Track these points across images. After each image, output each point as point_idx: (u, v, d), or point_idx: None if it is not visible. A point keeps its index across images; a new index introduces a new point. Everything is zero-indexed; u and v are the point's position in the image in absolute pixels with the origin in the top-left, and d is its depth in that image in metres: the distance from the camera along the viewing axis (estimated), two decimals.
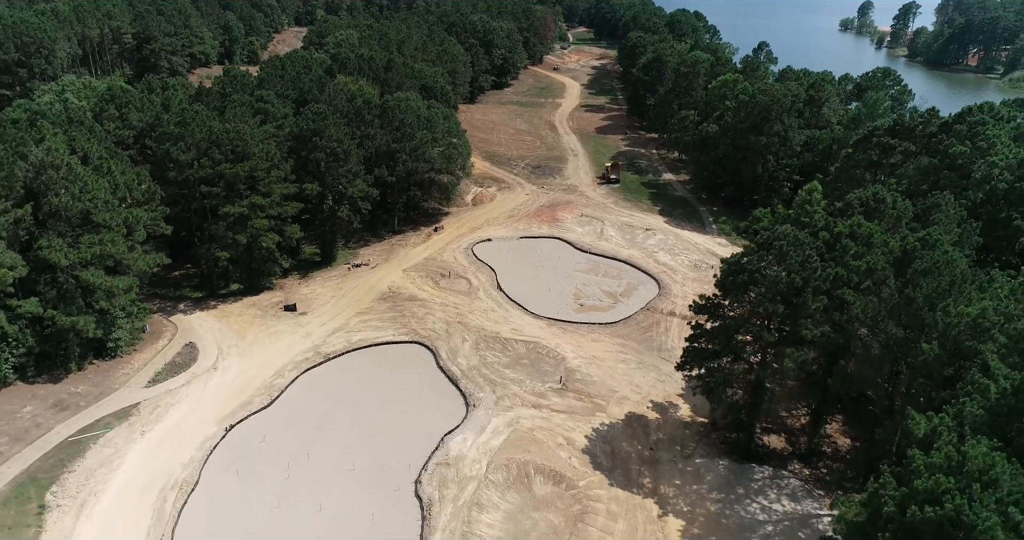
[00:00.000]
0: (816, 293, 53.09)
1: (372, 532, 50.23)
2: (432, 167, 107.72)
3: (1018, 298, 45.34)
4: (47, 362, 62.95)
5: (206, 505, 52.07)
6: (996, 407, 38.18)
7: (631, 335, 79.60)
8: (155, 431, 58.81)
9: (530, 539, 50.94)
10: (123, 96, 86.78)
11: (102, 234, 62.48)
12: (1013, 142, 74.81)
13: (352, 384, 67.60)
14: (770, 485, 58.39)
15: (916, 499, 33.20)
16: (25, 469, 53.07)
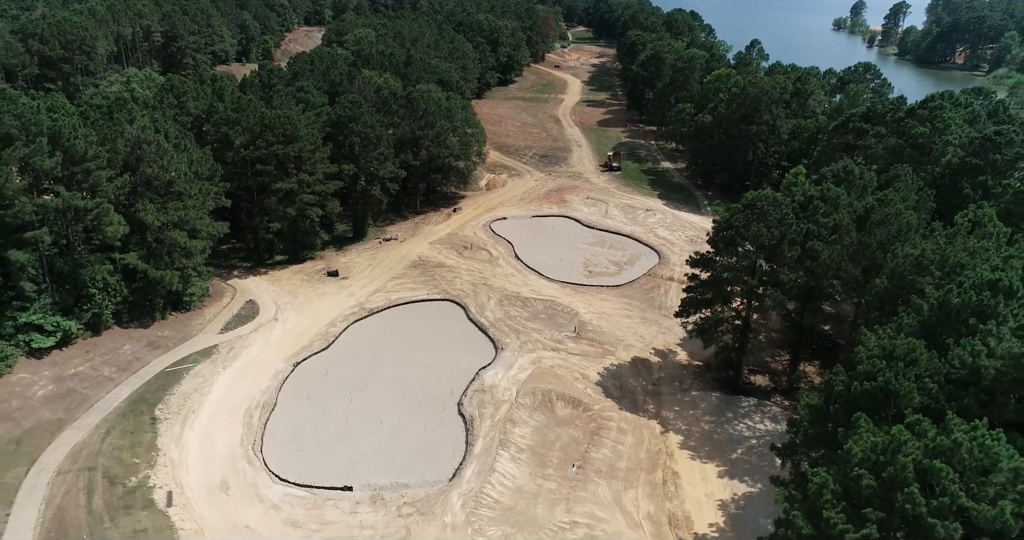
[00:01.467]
0: (791, 245, 63.93)
1: (427, 440, 60.97)
2: (451, 153, 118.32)
3: (951, 242, 56.05)
4: (137, 311, 73.41)
5: (285, 421, 62.74)
6: (927, 320, 48.89)
7: (635, 296, 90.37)
8: (234, 366, 69.43)
9: (555, 447, 61.63)
10: (180, 86, 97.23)
11: (183, 201, 72.98)
12: (967, 124, 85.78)
13: (395, 333, 78.30)
14: (754, 411, 69.10)
15: (858, 378, 44.00)
16: (135, 391, 63.72)
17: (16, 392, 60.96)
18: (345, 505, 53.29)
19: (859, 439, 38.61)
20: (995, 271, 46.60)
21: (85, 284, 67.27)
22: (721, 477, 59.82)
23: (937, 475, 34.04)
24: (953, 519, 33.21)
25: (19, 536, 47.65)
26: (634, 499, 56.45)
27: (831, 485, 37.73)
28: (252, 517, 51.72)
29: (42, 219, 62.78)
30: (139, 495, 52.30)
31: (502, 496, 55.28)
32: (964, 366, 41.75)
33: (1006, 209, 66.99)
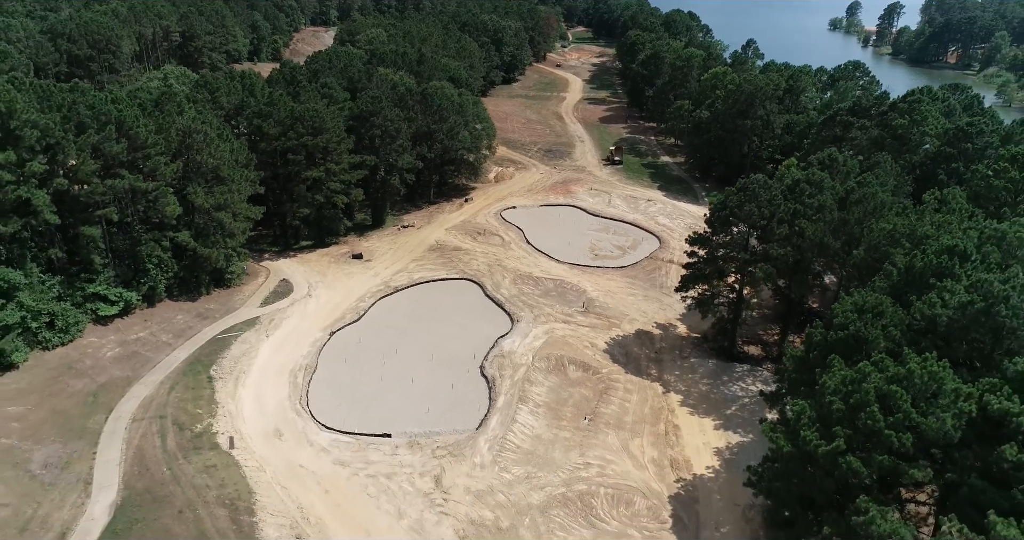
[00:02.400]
0: (780, 223, 71.23)
1: (453, 396, 68.25)
2: (463, 146, 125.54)
3: (921, 218, 63.31)
4: (185, 286, 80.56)
5: (326, 381, 69.95)
6: (896, 284, 56.18)
7: (638, 276, 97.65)
8: (276, 335, 76.63)
9: (568, 404, 68.88)
10: (214, 82, 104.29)
11: (227, 186, 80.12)
12: (943, 116, 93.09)
13: (420, 307, 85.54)
14: (747, 376, 76.37)
15: (834, 329, 51.32)
16: (191, 354, 70.96)
17: (88, 353, 68.20)
18: (385, 449, 60.53)
19: (832, 375, 45.90)
20: (953, 239, 53.89)
21: (142, 260, 74.44)
22: (717, 429, 67.04)
23: (894, 397, 41.31)
24: (905, 431, 40.48)
25: (107, 469, 54.85)
26: (640, 446, 63.69)
27: (808, 412, 45.02)
28: (304, 458, 58.94)
29: (110, 199, 69.80)
30: (205, 439, 59.52)
31: (523, 442, 62.53)
32: (924, 317, 48.99)
33: (975, 191, 74.29)
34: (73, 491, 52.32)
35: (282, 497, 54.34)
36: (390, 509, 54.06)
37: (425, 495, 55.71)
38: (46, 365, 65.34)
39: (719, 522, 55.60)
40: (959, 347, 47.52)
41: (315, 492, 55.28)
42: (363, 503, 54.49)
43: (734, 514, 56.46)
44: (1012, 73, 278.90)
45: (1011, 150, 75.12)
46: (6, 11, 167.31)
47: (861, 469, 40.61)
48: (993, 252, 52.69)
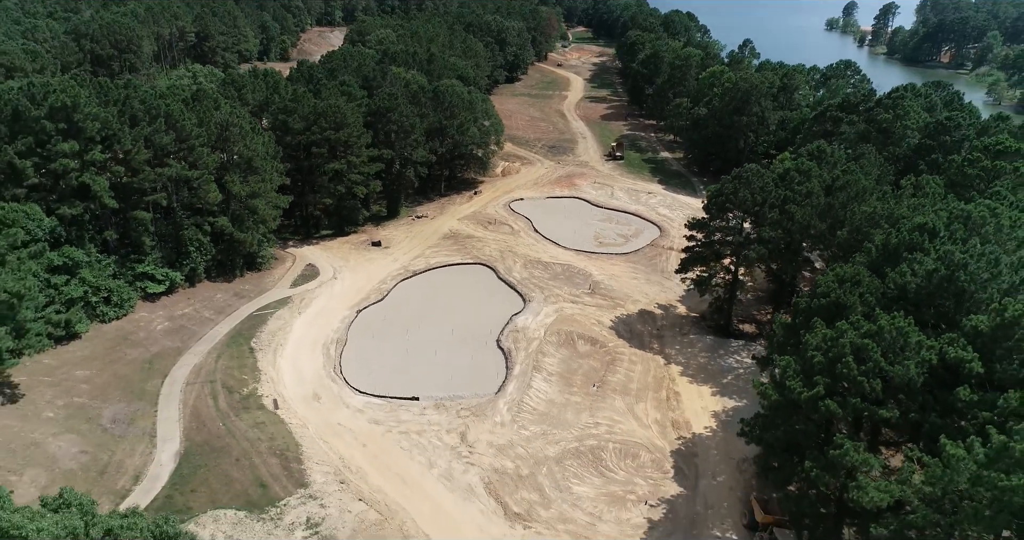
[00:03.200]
0: (771, 208, 77.72)
1: (473, 366, 74.74)
2: (473, 141, 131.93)
3: (898, 202, 69.80)
4: (221, 268, 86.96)
5: (356, 352, 76.40)
6: (874, 259, 62.65)
7: (640, 262, 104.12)
8: (307, 312, 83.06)
9: (578, 373, 75.34)
10: (239, 80, 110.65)
11: (260, 175, 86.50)
12: (925, 111, 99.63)
13: (438, 288, 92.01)
14: (742, 350, 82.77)
15: (817, 297, 57.82)
16: (232, 328, 77.41)
17: (141, 326, 74.63)
18: (415, 410, 67.01)
19: (814, 334, 52.34)
20: (924, 218, 60.38)
21: (185, 243, 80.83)
22: (714, 396, 73.53)
23: (866, 350, 47.74)
24: (876, 378, 46.96)
25: (168, 425, 61.30)
26: (644, 409, 70.17)
27: (793, 365, 51.49)
28: (342, 417, 65.39)
29: (159, 186, 76.15)
30: (252, 401, 65.98)
31: (538, 405, 69.02)
32: (896, 285, 55.50)
33: (951, 180, 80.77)
34: (141, 442, 58.73)
35: (325, 450, 60.79)
36: (422, 460, 60.53)
37: (452, 449, 62.18)
38: (104, 336, 71.78)
39: (715, 472, 62.08)
40: (927, 311, 53.95)
41: (354, 446, 61.72)
42: (397, 455, 60.94)
43: (729, 466, 62.93)
44: (1003, 72, 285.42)
45: (984, 141, 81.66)
46: (28, 12, 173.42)
47: (837, 411, 47.04)
48: (959, 229, 59.11)
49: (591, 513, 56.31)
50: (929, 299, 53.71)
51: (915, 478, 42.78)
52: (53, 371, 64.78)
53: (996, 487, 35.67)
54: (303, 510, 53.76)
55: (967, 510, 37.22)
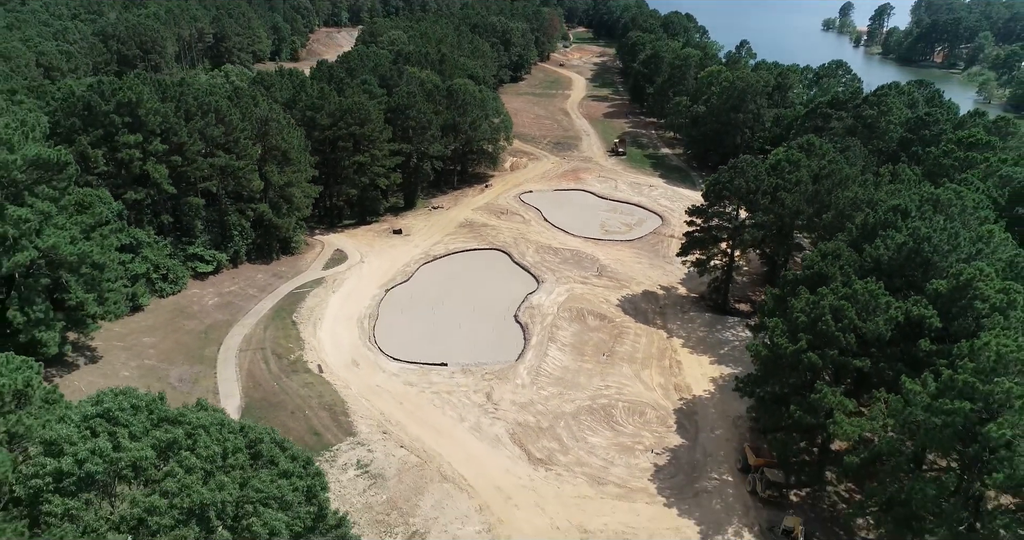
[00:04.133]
0: (764, 194, 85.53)
1: (494, 337, 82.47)
2: (484, 137, 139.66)
3: (879, 187, 77.55)
4: (259, 251, 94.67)
5: (387, 326, 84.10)
6: (855, 238, 70.40)
7: (644, 248, 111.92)
8: (340, 291, 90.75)
9: (589, 344, 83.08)
10: (268, 79, 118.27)
11: (294, 166, 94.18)
12: (907, 108, 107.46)
13: (458, 271, 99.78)
14: (738, 325, 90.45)
15: (804, 270, 65.62)
16: (275, 304, 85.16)
17: (194, 301, 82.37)
18: (444, 374, 74.78)
19: (799, 299, 60.17)
20: (898, 200, 68.20)
21: (229, 227, 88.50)
22: (712, 364, 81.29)
23: (843, 310, 55.56)
24: (850, 333, 54.76)
25: (228, 384, 69.09)
26: (649, 375, 77.95)
27: (780, 325, 59.30)
28: (379, 380, 73.12)
29: (209, 174, 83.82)
30: (299, 365, 73.73)
31: (554, 370, 76.81)
32: (872, 258, 63.31)
33: (928, 169, 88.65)
34: (206, 398, 66.31)
35: (367, 406, 68.53)
36: (453, 415, 68.31)
37: (479, 406, 69.96)
38: (163, 309, 79.48)
39: (713, 427, 69.87)
40: (898, 279, 61.72)
41: (392, 404, 69.46)
42: (431, 411, 68.72)
43: (726, 422, 70.72)
44: (994, 72, 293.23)
45: (958, 135, 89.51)
46: (54, 14, 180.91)
47: (818, 362, 54.84)
48: (929, 210, 66.88)
49: (604, 459, 64.07)
50: (900, 269, 61.51)
51: (882, 415, 50.60)
52: (124, 337, 72.54)
53: (943, 412, 43.48)
54: (353, 454, 61.53)
55: (923, 434, 45.00)
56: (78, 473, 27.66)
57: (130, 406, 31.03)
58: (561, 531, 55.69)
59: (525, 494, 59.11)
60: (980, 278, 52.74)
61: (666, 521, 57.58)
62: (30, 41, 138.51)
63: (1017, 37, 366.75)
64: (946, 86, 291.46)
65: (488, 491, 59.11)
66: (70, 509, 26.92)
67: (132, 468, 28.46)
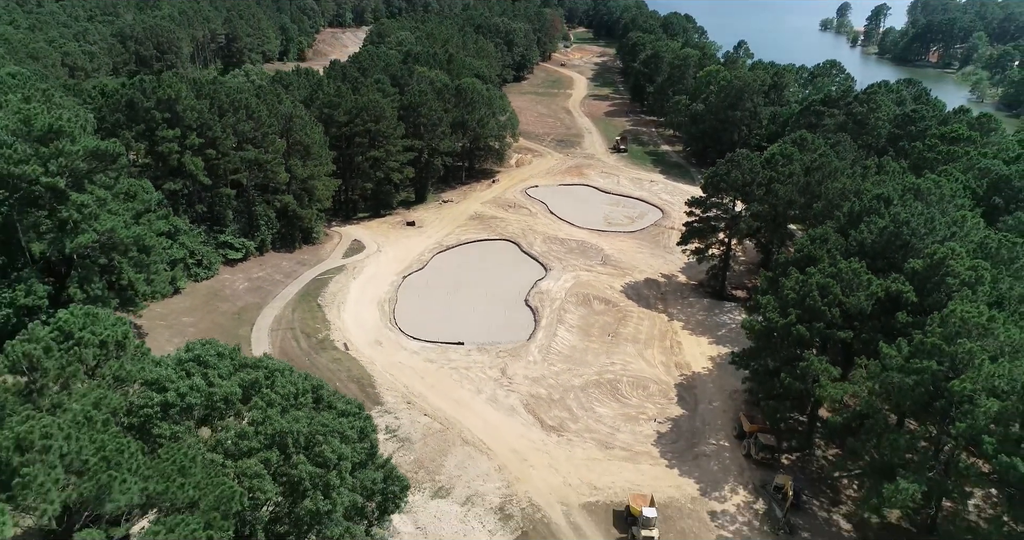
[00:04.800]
0: (758, 186, 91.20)
1: (506, 320, 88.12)
2: (491, 134, 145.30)
3: (866, 179, 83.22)
4: (283, 240, 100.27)
5: (406, 309, 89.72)
6: (842, 225, 76.06)
7: (645, 239, 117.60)
8: (360, 277, 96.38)
9: (595, 326, 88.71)
10: (286, 78, 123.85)
11: (316, 160, 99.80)
12: (896, 105, 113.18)
13: (469, 260, 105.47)
14: (734, 310, 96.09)
15: (795, 254, 71.26)
16: (300, 289, 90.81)
17: (226, 285, 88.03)
18: (461, 352, 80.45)
19: (790, 278, 65.85)
20: (882, 189, 73.90)
21: (256, 217, 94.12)
22: (710, 344, 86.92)
23: (829, 286, 61.23)
24: (835, 308, 60.41)
25: None
26: (651, 354, 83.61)
27: (772, 302, 64.99)
28: (401, 357, 78.77)
29: (240, 167, 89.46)
30: (327, 343, 79.35)
31: (563, 349, 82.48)
32: (857, 242, 68.98)
33: (914, 163, 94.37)
34: None
35: (392, 380, 74.17)
36: (471, 388, 73.97)
37: (495, 380, 75.62)
38: (199, 292, 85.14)
39: (711, 399, 75.53)
40: (881, 261, 67.38)
41: (414, 378, 75.09)
42: (451, 384, 74.38)
43: (723, 395, 76.37)
44: (987, 71, 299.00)
45: (941, 130, 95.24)
46: (71, 15, 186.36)
47: (806, 334, 60.52)
48: (910, 198, 72.58)
49: (611, 427, 69.75)
50: (882, 251, 67.20)
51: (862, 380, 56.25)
52: (165, 317, 78.21)
53: (914, 371, 49.17)
54: (382, 421, 67.07)
55: (896, 392, 50.66)
56: (180, 404, 33.21)
57: (216, 353, 36.67)
58: (573, 487, 61.35)
59: (539, 456, 64.77)
60: (952, 257, 58.43)
61: (668, 480, 63.24)
62: (55, 42, 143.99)
63: (1011, 37, 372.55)
64: (941, 85, 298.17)
65: (505, 453, 64.77)
66: (176, 432, 32.46)
67: (224, 401, 34.06)
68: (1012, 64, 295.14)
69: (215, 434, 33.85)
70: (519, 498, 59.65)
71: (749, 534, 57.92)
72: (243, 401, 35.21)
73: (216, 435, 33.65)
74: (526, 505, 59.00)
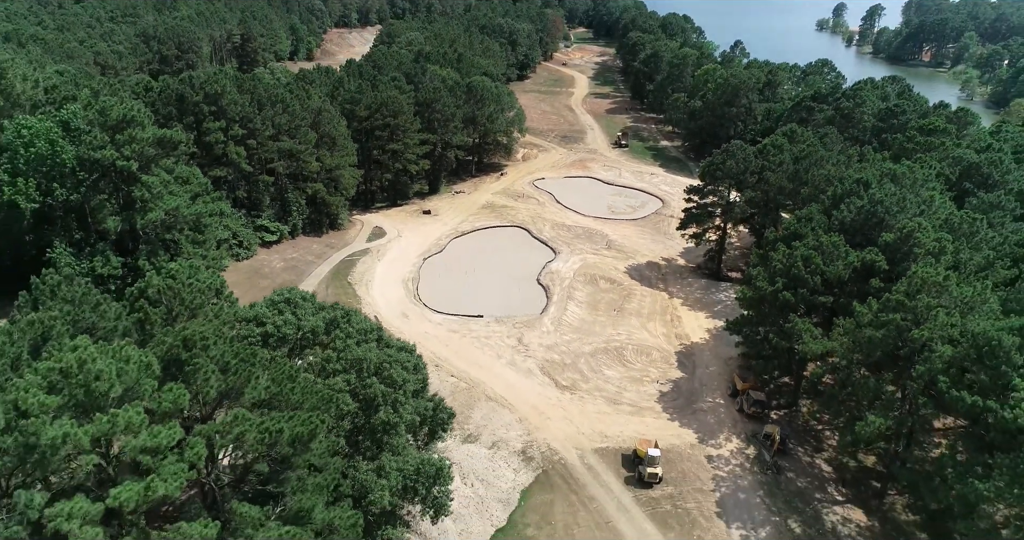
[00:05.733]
0: (751, 174, 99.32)
1: (521, 296, 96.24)
2: (500, 129, 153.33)
3: (848, 166, 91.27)
4: (311, 226, 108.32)
5: (428, 287, 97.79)
6: (827, 206, 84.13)
7: (647, 226, 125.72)
8: (384, 259, 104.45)
9: (602, 302, 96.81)
10: (309, 75, 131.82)
11: (342, 151, 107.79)
12: (880, 100, 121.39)
13: (484, 244, 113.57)
14: (730, 289, 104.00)
15: (784, 232, 79.37)
16: (331, 268, 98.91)
17: (264, 264, 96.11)
18: (481, 323, 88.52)
19: (778, 252, 73.96)
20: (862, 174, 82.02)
21: (289, 203, 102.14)
22: (707, 318, 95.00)
23: (812, 258, 69.33)
24: (817, 276, 68.50)
25: None
26: (654, 326, 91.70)
27: (762, 273, 73.10)
28: (427, 328, 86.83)
29: (276, 156, 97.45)
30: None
31: (573, 321, 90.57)
32: (838, 220, 77.04)
33: (895, 153, 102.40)
34: None
35: (419, 347, 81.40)
36: (491, 354, 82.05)
37: (512, 347, 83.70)
38: (241, 270, 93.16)
39: (708, 365, 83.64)
40: (859, 237, 75.41)
41: (440, 345, 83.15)
42: (473, 350, 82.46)
43: (718, 361, 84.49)
44: (977, 70, 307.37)
45: (920, 122, 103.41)
46: (94, 16, 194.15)
47: (791, 298, 68.61)
48: (887, 182, 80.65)
49: (618, 387, 77.87)
50: (860, 227, 75.21)
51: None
52: None
53: (881, 323, 57.29)
54: None
55: (867, 342, 58.73)
56: (276, 334, 41.10)
57: (300, 297, 44.62)
58: (585, 435, 69.47)
59: (555, 410, 72.91)
60: (919, 230, 66.54)
61: (670, 431, 71.36)
62: (85, 42, 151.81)
63: (1002, 37, 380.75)
64: (933, 84, 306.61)
65: (525, 408, 72.89)
66: (275, 357, 40.29)
67: (311, 333, 41.99)
68: (1001, 63, 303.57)
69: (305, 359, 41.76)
70: (539, 444, 67.77)
71: (741, 473, 66.05)
72: (325, 334, 43.13)
73: (307, 359, 41.54)
74: (545, 449, 67.12)
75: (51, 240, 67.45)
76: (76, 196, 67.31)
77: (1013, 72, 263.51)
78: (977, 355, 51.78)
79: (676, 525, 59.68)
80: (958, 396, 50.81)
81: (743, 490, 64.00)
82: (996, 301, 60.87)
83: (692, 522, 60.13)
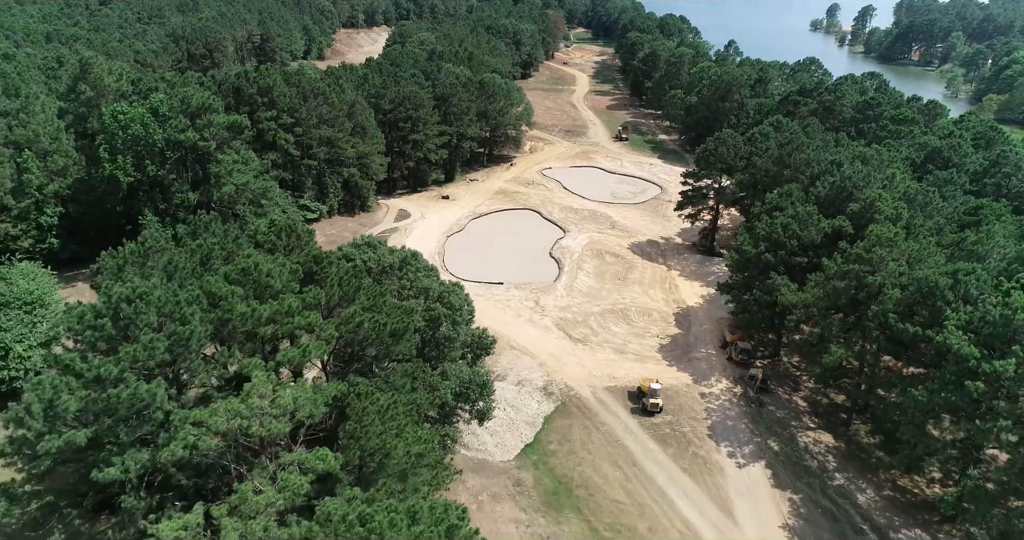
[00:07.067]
0: (740, 159, 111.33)
1: (535, 267, 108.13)
2: (510, 123, 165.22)
3: (826, 151, 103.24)
4: (345, 207, 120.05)
5: (453, 260, 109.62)
6: (805, 185, 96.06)
7: (646, 209, 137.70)
8: (412, 236, 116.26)
9: (607, 273, 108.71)
10: (337, 71, 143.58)
11: (373, 140, 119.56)
12: (859, 94, 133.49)
13: (499, 224, 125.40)
14: (721, 263, 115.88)
15: (767, 206, 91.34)
16: None
17: None
18: (501, 289, 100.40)
19: (761, 221, 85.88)
20: (836, 156, 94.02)
21: (326, 186, 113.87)
22: (702, 287, 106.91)
23: (790, 225, 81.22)
24: (794, 240, 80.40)
25: None
26: (654, 292, 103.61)
27: (747, 239, 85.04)
28: None
29: (318, 142, 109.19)
30: None
31: (583, 288, 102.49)
32: (814, 195, 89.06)
33: (869, 141, 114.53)
34: None
35: None
36: (512, 313, 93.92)
37: (531, 308, 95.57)
38: None
39: (702, 323, 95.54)
40: (831, 209, 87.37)
41: None
42: (496, 310, 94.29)
43: (711, 321, 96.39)
44: (963, 69, 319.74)
45: (891, 113, 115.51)
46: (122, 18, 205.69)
47: (771, 259, 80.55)
48: (858, 163, 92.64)
49: (623, 340, 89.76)
50: (832, 200, 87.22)
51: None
52: None
53: (844, 274, 69.23)
54: None
55: (832, 290, 70.66)
56: (363, 267, 52.74)
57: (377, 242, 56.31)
58: (596, 377, 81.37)
59: (570, 357, 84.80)
60: (879, 200, 78.53)
61: (669, 374, 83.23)
62: (124, 41, 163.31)
63: (990, 37, 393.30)
64: (921, 82, 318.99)
65: (544, 355, 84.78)
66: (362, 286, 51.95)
67: (389, 267, 53.70)
68: (985, 62, 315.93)
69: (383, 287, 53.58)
70: (557, 383, 79.68)
71: (729, 407, 77.95)
72: (399, 269, 54.80)
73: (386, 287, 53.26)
74: (563, 386, 79.03)
75: (140, 210, 79.04)
76: (163, 172, 78.97)
77: (995, 71, 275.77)
78: (920, 296, 63.73)
79: (674, 443, 71.58)
80: (903, 328, 62.73)
81: (731, 419, 75.89)
82: (942, 257, 72.84)
83: (688, 441, 72.02)
